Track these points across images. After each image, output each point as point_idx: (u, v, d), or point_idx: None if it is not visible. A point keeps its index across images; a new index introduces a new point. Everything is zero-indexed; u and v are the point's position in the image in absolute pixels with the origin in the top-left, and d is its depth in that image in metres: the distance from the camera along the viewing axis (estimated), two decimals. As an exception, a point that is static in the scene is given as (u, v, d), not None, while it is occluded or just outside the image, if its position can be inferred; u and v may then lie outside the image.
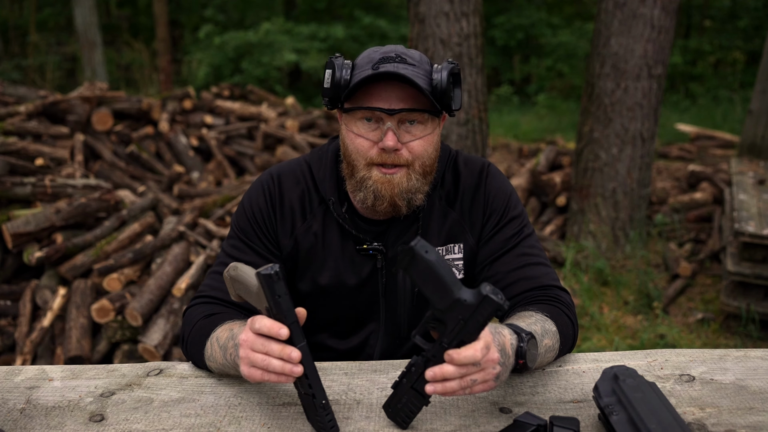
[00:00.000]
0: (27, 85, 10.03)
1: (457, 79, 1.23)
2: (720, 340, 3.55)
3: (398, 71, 1.16)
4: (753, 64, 10.95)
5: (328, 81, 1.21)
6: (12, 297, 3.26)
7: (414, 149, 1.23)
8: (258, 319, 1.00)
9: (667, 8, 4.19)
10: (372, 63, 1.20)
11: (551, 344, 1.18)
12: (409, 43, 4.07)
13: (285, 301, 0.97)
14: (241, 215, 1.39)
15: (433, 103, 1.20)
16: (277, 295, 0.96)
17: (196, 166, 5.31)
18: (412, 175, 1.24)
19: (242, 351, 1.02)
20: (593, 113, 4.49)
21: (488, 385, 1.00)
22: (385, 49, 1.23)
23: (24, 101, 5.06)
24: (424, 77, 1.21)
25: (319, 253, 1.37)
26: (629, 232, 4.55)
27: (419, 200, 1.28)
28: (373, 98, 1.20)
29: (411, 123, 1.22)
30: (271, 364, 0.98)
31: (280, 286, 0.96)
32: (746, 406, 1.11)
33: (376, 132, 1.22)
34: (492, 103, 10.91)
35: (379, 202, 1.25)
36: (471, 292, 0.95)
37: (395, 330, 1.43)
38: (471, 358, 0.94)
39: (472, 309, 0.94)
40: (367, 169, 1.24)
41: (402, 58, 1.20)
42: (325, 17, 12.03)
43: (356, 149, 1.24)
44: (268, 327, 0.97)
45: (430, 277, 0.96)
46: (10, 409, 1.16)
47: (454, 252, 1.38)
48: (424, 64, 1.23)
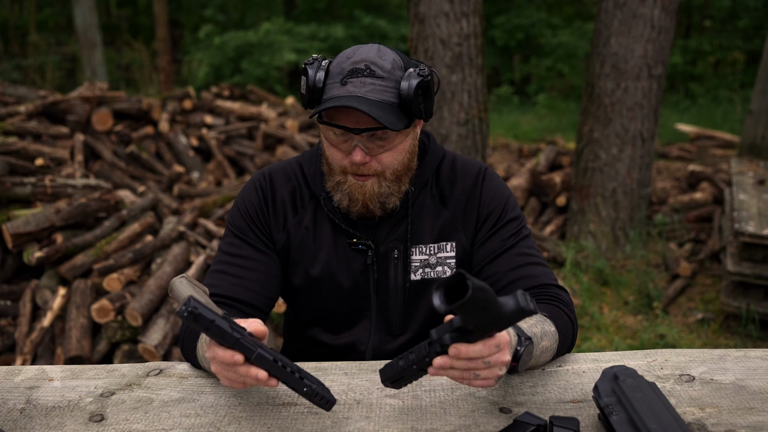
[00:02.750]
0: (27, 85, 10.03)
1: (427, 91, 1.22)
2: (720, 340, 3.55)
3: (358, 94, 1.18)
4: (753, 64, 10.95)
5: (304, 86, 1.25)
6: (12, 297, 3.26)
7: (383, 160, 1.27)
8: (211, 348, 1.02)
9: (667, 8, 4.19)
10: (342, 75, 1.21)
11: (548, 345, 1.19)
12: (409, 43, 4.07)
13: (215, 330, 0.96)
14: (235, 213, 1.42)
15: (399, 121, 1.20)
16: (204, 328, 0.96)
17: (196, 166, 5.31)
18: (383, 182, 1.29)
19: (213, 367, 1.05)
20: (593, 113, 4.49)
21: (488, 383, 1.00)
22: (356, 57, 1.22)
23: (24, 101, 5.06)
24: (392, 90, 1.21)
25: (310, 246, 1.40)
26: (629, 232, 4.55)
27: (393, 203, 1.33)
28: (342, 115, 1.22)
29: (381, 138, 1.25)
30: (246, 383, 1.02)
31: (201, 320, 0.95)
32: (746, 406, 1.11)
33: (346, 144, 1.26)
34: (492, 103, 10.91)
35: (353, 204, 1.31)
36: (506, 299, 0.91)
37: (387, 326, 1.44)
38: (477, 354, 0.95)
39: (501, 309, 0.91)
40: (342, 175, 1.30)
41: (371, 71, 1.20)
42: (325, 17, 12.03)
43: (331, 156, 1.30)
44: (221, 358, 0.99)
45: (488, 311, 0.90)
46: (10, 409, 1.16)
47: (446, 250, 1.40)
48: (396, 74, 1.22)
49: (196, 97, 6.64)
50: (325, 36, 10.55)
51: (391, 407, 1.14)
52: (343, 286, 1.40)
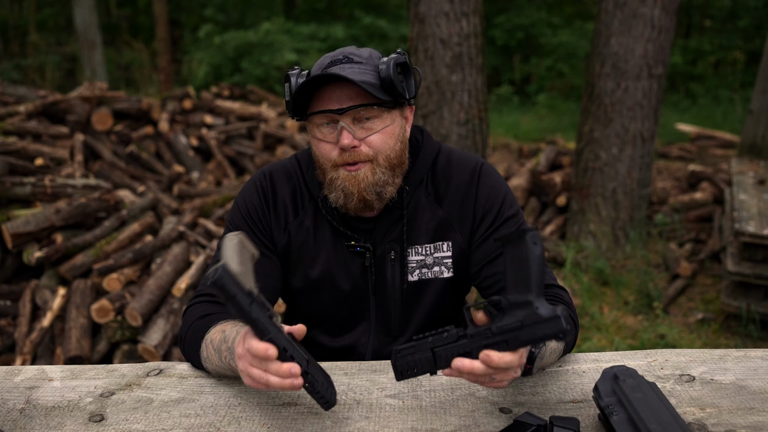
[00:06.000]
0: (27, 85, 10.02)
1: (406, 68, 1.26)
2: (720, 340, 3.55)
3: (339, 72, 1.19)
4: (753, 64, 10.95)
5: (287, 94, 1.26)
6: (12, 297, 3.26)
7: (373, 143, 1.26)
8: (248, 338, 1.00)
9: (668, 8, 4.19)
10: (321, 68, 1.25)
11: (555, 346, 1.19)
12: (409, 43, 4.07)
13: (235, 305, 0.95)
14: (236, 213, 1.41)
15: (378, 96, 1.21)
16: (225, 300, 0.95)
17: (196, 166, 5.31)
18: (377, 169, 1.27)
19: (241, 364, 1.03)
20: (593, 113, 4.48)
21: (502, 385, 1.01)
22: (334, 53, 1.27)
23: (24, 101, 5.05)
24: (371, 72, 1.24)
25: (311, 248, 1.39)
26: (629, 232, 4.55)
27: (389, 193, 1.31)
28: (324, 101, 1.24)
29: (367, 119, 1.25)
30: (270, 382, 1.00)
31: (224, 292, 0.94)
32: (746, 406, 1.11)
33: (334, 134, 1.26)
34: (492, 103, 10.90)
35: (349, 199, 1.29)
36: (547, 306, 0.94)
37: (386, 328, 1.44)
38: (508, 364, 0.94)
39: (538, 320, 0.93)
40: (334, 171, 1.28)
41: (349, 59, 1.24)
42: (325, 17, 12.03)
43: (321, 153, 1.29)
44: (255, 350, 0.98)
45: (522, 265, 0.96)
46: (9, 409, 1.16)
47: (443, 250, 1.39)
48: (374, 60, 1.26)
49: (196, 97, 6.64)
50: (325, 36, 10.54)
51: (391, 407, 1.14)
52: (342, 289, 1.40)
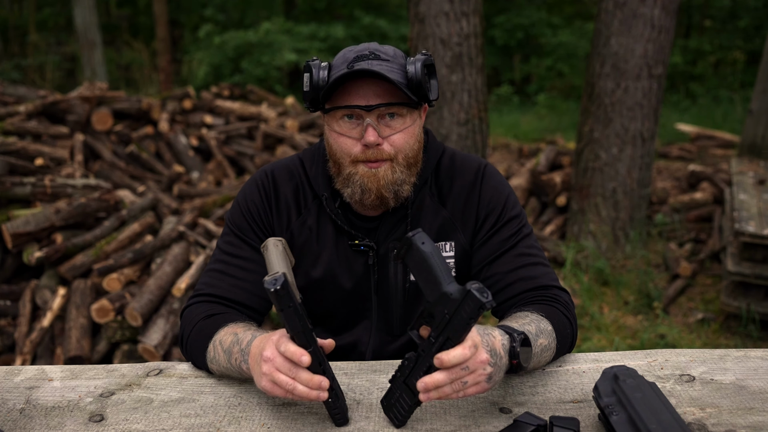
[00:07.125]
0: (27, 85, 10.02)
1: (432, 69, 1.26)
2: (720, 340, 3.55)
3: (371, 68, 1.18)
4: (753, 64, 10.95)
5: (307, 84, 1.25)
6: (12, 297, 3.26)
7: (395, 142, 1.25)
8: (284, 342, 1.01)
9: (668, 8, 4.19)
10: (347, 62, 1.23)
11: (547, 343, 1.18)
12: (409, 43, 4.07)
13: (288, 314, 0.98)
14: (236, 211, 1.40)
15: (409, 96, 1.21)
16: (280, 309, 0.97)
17: (196, 166, 5.31)
18: (396, 167, 1.27)
19: (266, 367, 1.03)
20: (593, 113, 4.48)
21: (481, 386, 1.00)
22: (359, 47, 1.26)
23: (24, 101, 5.06)
24: (399, 71, 1.23)
25: (313, 247, 1.39)
26: (629, 232, 4.55)
27: (406, 191, 1.31)
28: (351, 96, 1.22)
29: (391, 117, 1.24)
30: (296, 389, 1.00)
31: (283, 301, 0.97)
32: (746, 406, 1.11)
33: (357, 129, 1.25)
34: (492, 103, 10.91)
35: (367, 195, 1.28)
36: (457, 287, 0.96)
37: (387, 327, 1.44)
38: (460, 357, 0.95)
39: (456, 303, 0.95)
40: (353, 166, 1.27)
41: (376, 55, 1.23)
42: (325, 17, 12.03)
43: (340, 148, 1.27)
44: (292, 352, 0.99)
45: (423, 267, 0.98)
46: (9, 409, 1.16)
47: (446, 250, 1.39)
48: (399, 59, 1.26)
49: (196, 96, 6.64)
50: (325, 36, 10.55)
51: (391, 407, 1.14)
52: (344, 288, 1.39)
